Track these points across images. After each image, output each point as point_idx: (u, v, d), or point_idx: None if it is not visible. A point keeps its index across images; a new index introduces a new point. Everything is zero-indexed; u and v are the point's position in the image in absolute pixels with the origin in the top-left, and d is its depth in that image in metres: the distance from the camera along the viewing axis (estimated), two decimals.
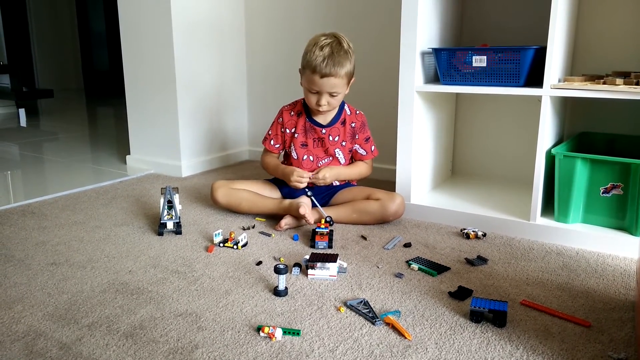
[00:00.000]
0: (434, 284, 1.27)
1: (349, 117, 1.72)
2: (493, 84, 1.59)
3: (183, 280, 1.28)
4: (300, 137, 1.72)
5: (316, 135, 1.71)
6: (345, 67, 1.57)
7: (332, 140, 1.72)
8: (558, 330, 1.06)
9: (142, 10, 2.24)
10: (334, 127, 1.71)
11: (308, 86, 1.61)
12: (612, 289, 1.24)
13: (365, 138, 1.75)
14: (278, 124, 1.76)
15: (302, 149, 1.72)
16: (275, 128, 1.77)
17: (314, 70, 1.55)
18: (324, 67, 1.54)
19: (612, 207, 1.48)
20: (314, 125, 1.71)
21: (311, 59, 1.56)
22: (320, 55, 1.54)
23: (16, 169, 2.53)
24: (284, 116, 1.74)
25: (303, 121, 1.72)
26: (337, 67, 1.55)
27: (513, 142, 1.98)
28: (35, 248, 1.49)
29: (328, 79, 1.55)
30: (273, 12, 2.47)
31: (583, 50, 1.75)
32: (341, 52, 1.56)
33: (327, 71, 1.54)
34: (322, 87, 1.57)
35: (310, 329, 1.06)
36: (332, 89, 1.58)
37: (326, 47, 1.55)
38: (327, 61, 1.54)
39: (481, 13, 1.94)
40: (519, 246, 1.51)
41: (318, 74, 1.55)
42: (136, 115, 2.42)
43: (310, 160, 1.74)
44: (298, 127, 1.72)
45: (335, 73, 1.55)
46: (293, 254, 1.45)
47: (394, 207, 1.64)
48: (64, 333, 1.05)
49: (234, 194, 1.72)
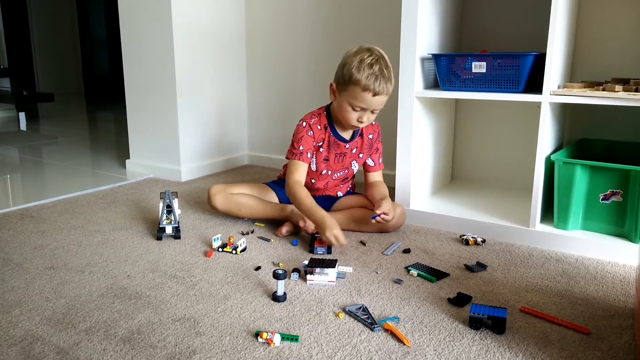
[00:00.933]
0: (433, 290, 1.26)
1: (365, 128, 1.69)
2: (492, 90, 1.59)
3: (181, 285, 1.28)
4: (324, 152, 1.67)
5: (339, 150, 1.67)
6: (392, 84, 1.54)
7: (351, 154, 1.69)
8: (557, 338, 1.06)
9: (143, 15, 2.25)
10: (354, 141, 1.68)
11: (352, 103, 1.54)
12: (611, 296, 1.24)
13: (377, 148, 1.73)
14: (309, 137, 1.62)
15: (323, 163, 1.68)
16: (307, 141, 1.62)
17: (365, 89, 1.49)
18: (377, 85, 1.49)
19: (611, 214, 1.48)
20: (338, 140, 1.66)
21: (361, 76, 1.49)
22: (373, 73, 1.49)
23: (15, 173, 2.53)
24: (314, 129, 1.63)
25: (328, 136, 1.66)
26: (389, 85, 1.52)
27: (512, 148, 1.98)
28: (33, 252, 1.48)
29: (380, 97, 1.51)
30: (273, 18, 2.48)
31: (582, 57, 1.76)
32: (389, 70, 1.53)
33: (380, 89, 1.50)
34: (371, 104, 1.52)
35: (309, 335, 1.06)
36: (380, 106, 1.54)
37: (375, 65, 1.50)
38: (380, 80, 1.49)
39: (481, 19, 1.94)
40: (519, 253, 1.51)
41: (371, 92, 1.50)
42: (136, 120, 2.42)
43: (327, 174, 1.71)
44: (324, 142, 1.66)
45: (387, 91, 1.52)
46: (292, 260, 1.44)
47: (394, 219, 1.62)
48: (62, 338, 1.04)
49: (233, 199, 1.69)
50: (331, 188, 1.75)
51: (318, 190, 1.73)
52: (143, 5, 2.24)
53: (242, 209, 1.69)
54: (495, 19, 1.91)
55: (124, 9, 2.31)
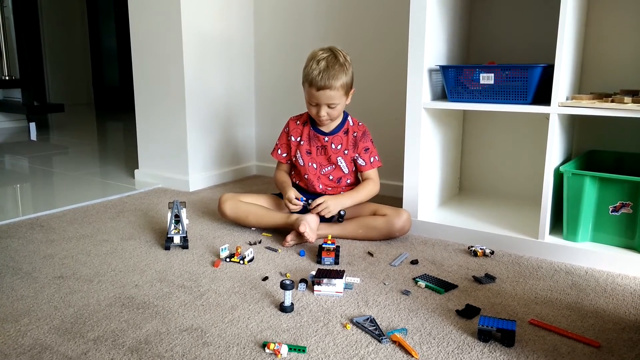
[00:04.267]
0: (441, 301, 1.26)
1: (351, 127, 1.76)
2: (500, 102, 1.59)
3: (189, 295, 1.28)
4: (305, 144, 1.77)
5: (319, 143, 1.76)
6: (340, 79, 1.62)
7: (335, 149, 1.74)
8: (567, 351, 1.04)
9: (153, 27, 2.28)
10: (336, 135, 1.74)
11: (308, 99, 1.68)
12: (622, 309, 1.23)
13: (365, 148, 1.74)
14: (285, 133, 1.82)
15: (307, 156, 1.77)
16: (282, 137, 1.83)
17: (311, 84, 1.63)
18: (319, 80, 1.60)
19: (621, 226, 1.47)
20: (317, 133, 1.76)
21: (309, 72, 1.63)
22: (317, 68, 1.61)
23: (25, 182, 2.55)
24: (290, 125, 1.81)
25: (308, 129, 1.77)
26: (332, 80, 1.60)
27: (521, 159, 1.98)
28: (42, 261, 1.49)
29: (324, 91, 1.61)
30: (281, 29, 2.50)
31: (591, 68, 1.76)
32: (336, 66, 1.62)
33: (323, 84, 1.60)
34: (319, 99, 1.63)
35: (316, 346, 1.05)
36: (329, 100, 1.63)
37: (322, 60, 1.62)
38: (323, 75, 1.60)
39: (488, 31, 1.95)
40: (527, 264, 1.50)
41: (315, 87, 1.62)
42: (145, 130, 2.44)
43: (314, 168, 1.77)
44: (303, 135, 1.78)
45: (331, 85, 1.61)
46: (299, 270, 1.44)
47: (400, 223, 1.64)
48: (70, 347, 1.04)
49: (242, 207, 1.75)
50: (327, 186, 1.77)
51: (313, 185, 1.77)
52: (153, 17, 2.26)
53: (249, 217, 1.74)
54: (503, 30, 1.92)
55: (134, 22, 2.34)
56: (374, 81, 2.22)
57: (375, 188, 1.77)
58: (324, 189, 1.77)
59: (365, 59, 2.23)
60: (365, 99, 2.21)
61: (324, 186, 1.77)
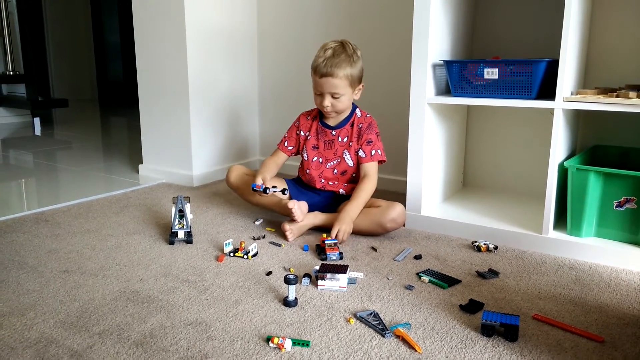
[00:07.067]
0: (444, 296, 1.26)
1: (358, 119, 1.75)
2: (505, 96, 1.59)
3: (193, 290, 1.29)
4: (312, 139, 1.78)
5: (326, 137, 1.76)
6: (343, 69, 1.61)
7: (341, 142, 1.75)
8: (571, 346, 1.05)
9: (157, 22, 2.27)
10: (343, 128, 1.75)
11: (314, 87, 1.69)
12: (625, 304, 1.23)
13: (368, 140, 1.71)
14: (294, 126, 1.83)
15: (313, 151, 1.78)
16: (291, 130, 1.84)
17: (315, 71, 1.65)
18: (322, 67, 1.62)
19: (625, 221, 1.47)
20: (325, 127, 1.76)
21: (315, 60, 1.65)
22: (322, 56, 1.63)
23: (30, 177, 2.56)
24: (301, 120, 1.83)
25: (316, 124, 1.78)
26: (335, 68, 1.61)
27: (525, 154, 1.97)
28: (48, 255, 1.50)
29: (327, 79, 1.62)
30: (285, 25, 2.50)
31: (596, 63, 1.75)
32: (342, 55, 1.62)
33: (325, 71, 1.61)
34: (322, 87, 1.64)
35: (320, 340, 1.06)
36: (332, 89, 1.63)
37: (329, 49, 1.63)
38: (327, 62, 1.61)
39: (492, 25, 1.94)
40: (531, 259, 1.50)
41: (318, 74, 1.63)
42: (149, 125, 2.44)
43: (319, 162, 1.77)
44: (312, 130, 1.79)
45: (333, 73, 1.61)
46: (303, 265, 1.45)
47: (392, 214, 1.60)
48: (75, 340, 1.05)
49: (245, 180, 1.82)
50: (329, 180, 1.77)
51: (314, 180, 1.77)
52: (157, 12, 2.26)
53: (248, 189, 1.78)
54: (507, 25, 1.91)
55: (138, 17, 2.34)
56: (378, 76, 2.21)
57: (373, 186, 1.70)
58: (324, 185, 1.77)
59: (369, 53, 2.23)
60: (370, 95, 2.20)
61: (325, 181, 1.77)
